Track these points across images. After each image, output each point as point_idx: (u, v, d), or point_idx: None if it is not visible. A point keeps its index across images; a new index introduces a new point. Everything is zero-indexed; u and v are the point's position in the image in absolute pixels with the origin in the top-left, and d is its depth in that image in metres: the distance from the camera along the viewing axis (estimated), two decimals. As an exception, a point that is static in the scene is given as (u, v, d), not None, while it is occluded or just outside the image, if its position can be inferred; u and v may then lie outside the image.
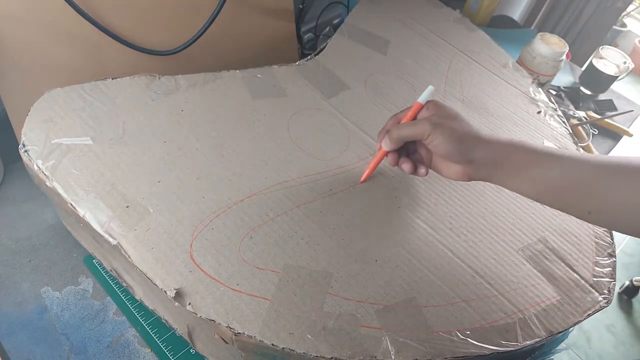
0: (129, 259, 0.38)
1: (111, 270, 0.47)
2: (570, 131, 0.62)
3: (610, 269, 0.47)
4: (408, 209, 0.47)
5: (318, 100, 0.56)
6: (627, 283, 1.39)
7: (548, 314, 0.42)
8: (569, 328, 0.42)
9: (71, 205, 0.40)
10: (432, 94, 0.45)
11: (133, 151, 0.45)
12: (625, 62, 0.85)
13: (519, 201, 0.51)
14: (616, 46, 2.13)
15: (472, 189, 0.51)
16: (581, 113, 0.81)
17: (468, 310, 0.40)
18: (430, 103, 0.43)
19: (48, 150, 0.43)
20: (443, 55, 0.68)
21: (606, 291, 0.45)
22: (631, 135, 0.81)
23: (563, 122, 0.63)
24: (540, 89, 0.67)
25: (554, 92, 0.85)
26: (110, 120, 0.47)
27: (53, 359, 0.44)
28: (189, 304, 0.36)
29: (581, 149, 0.62)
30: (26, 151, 0.43)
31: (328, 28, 0.82)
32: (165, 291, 0.36)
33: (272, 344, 0.35)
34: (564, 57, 0.77)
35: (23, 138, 0.43)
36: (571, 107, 0.82)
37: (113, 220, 0.40)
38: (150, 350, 0.45)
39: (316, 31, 0.81)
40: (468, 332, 0.39)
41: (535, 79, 0.69)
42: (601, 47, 0.87)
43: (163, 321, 0.44)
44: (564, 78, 0.90)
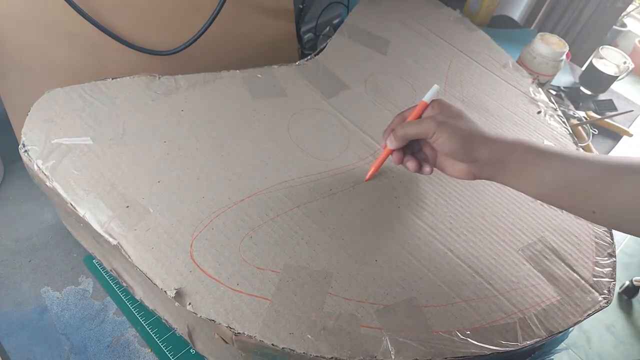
0: (129, 259, 0.38)
1: (111, 270, 0.47)
2: (570, 131, 0.62)
3: (610, 269, 0.47)
4: (408, 209, 0.47)
5: (318, 100, 0.56)
6: (627, 283, 1.39)
7: (548, 314, 0.42)
8: (569, 328, 0.42)
9: (71, 205, 0.40)
10: (437, 93, 0.45)
11: (133, 151, 0.45)
12: (625, 62, 0.85)
13: (519, 201, 0.51)
14: (616, 46, 2.13)
15: (472, 189, 0.51)
16: (581, 113, 0.81)
17: (468, 310, 0.40)
18: (435, 102, 0.43)
19: (48, 150, 0.43)
20: (443, 55, 0.68)
21: (606, 291, 0.45)
22: (631, 135, 0.81)
23: (563, 122, 0.63)
24: (540, 89, 0.67)
25: (554, 92, 0.85)
26: (110, 120, 0.47)
27: (53, 359, 0.44)
28: (189, 304, 0.36)
29: (581, 149, 0.62)
30: (26, 151, 0.43)
31: (328, 28, 0.82)
32: (165, 291, 0.36)
33: (272, 344, 0.35)
34: (564, 57, 0.77)
35: (23, 138, 0.43)
36: (571, 107, 0.82)
37: (113, 220, 0.40)
38: (150, 350, 0.45)
39: (316, 31, 0.81)
40: (468, 332, 0.39)
41: (535, 79, 0.69)
42: (601, 47, 0.87)
43: (163, 321, 0.44)
44: (564, 78, 0.90)
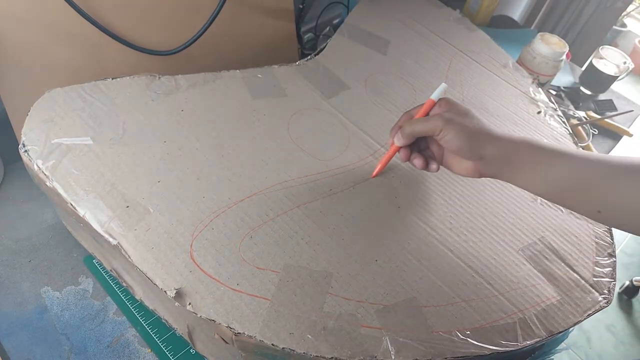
0: (129, 259, 0.38)
1: (111, 270, 0.47)
2: (570, 131, 0.62)
3: (610, 269, 0.47)
4: (408, 209, 0.47)
5: (318, 100, 0.56)
6: (627, 283, 1.39)
7: (548, 314, 0.42)
8: (569, 328, 0.42)
9: (71, 205, 0.40)
10: (445, 92, 0.46)
11: (133, 151, 0.45)
12: (625, 62, 0.85)
13: (519, 201, 0.51)
14: (616, 46, 2.13)
15: (472, 189, 0.51)
16: (581, 113, 0.81)
17: (468, 310, 0.40)
18: (442, 100, 0.44)
19: (48, 150, 0.43)
20: (443, 55, 0.68)
21: (606, 291, 0.45)
22: (631, 135, 0.81)
23: (563, 122, 0.63)
24: (540, 89, 0.67)
25: (554, 92, 0.85)
26: (110, 120, 0.47)
27: (53, 359, 0.44)
28: (189, 304, 0.36)
29: (581, 149, 0.62)
30: (26, 151, 0.43)
31: (328, 28, 0.82)
32: (165, 291, 0.36)
33: (272, 344, 0.35)
34: (564, 57, 0.77)
35: (23, 138, 0.43)
36: (571, 107, 0.82)
37: (113, 220, 0.40)
38: (150, 350, 0.45)
39: (316, 31, 0.80)
40: (468, 332, 0.39)
41: (535, 79, 0.69)
42: (601, 47, 0.87)
43: (163, 321, 0.44)
44: (564, 78, 0.90)
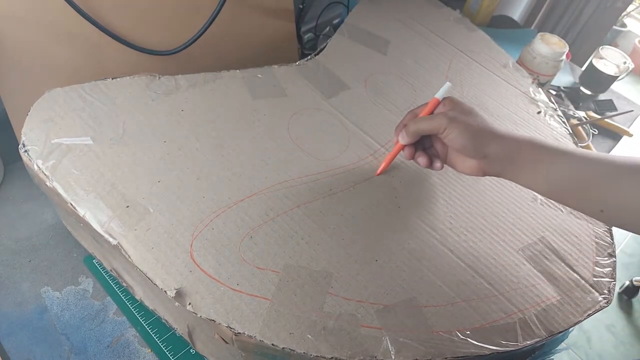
0: (129, 259, 0.38)
1: (111, 270, 0.47)
2: (570, 131, 0.62)
3: (610, 269, 0.47)
4: (408, 209, 0.47)
5: (318, 100, 0.56)
6: (627, 283, 1.39)
7: (548, 314, 0.42)
8: (569, 328, 0.42)
9: (71, 205, 0.40)
10: (449, 91, 0.46)
11: (133, 151, 0.45)
12: (625, 62, 0.85)
13: (519, 201, 0.51)
14: (616, 46, 2.13)
15: (472, 189, 0.51)
16: (581, 113, 0.81)
17: (468, 310, 0.40)
18: (447, 99, 0.44)
19: (48, 150, 0.43)
20: (443, 55, 0.68)
21: (606, 291, 0.45)
22: (631, 135, 0.81)
23: (563, 122, 0.63)
24: (540, 89, 0.67)
25: (554, 92, 0.85)
26: (110, 120, 0.47)
27: (53, 359, 0.44)
28: (189, 304, 0.36)
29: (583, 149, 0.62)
30: (26, 151, 0.43)
31: (328, 28, 0.82)
32: (165, 291, 0.36)
33: (272, 344, 0.35)
34: (564, 57, 0.77)
35: (23, 138, 0.43)
36: (571, 107, 0.82)
37: (113, 220, 0.40)
38: (150, 350, 0.45)
39: (316, 31, 0.80)
40: (468, 332, 0.39)
41: (535, 79, 0.69)
42: (601, 47, 0.87)
43: (163, 321, 0.44)
44: (564, 78, 0.90)
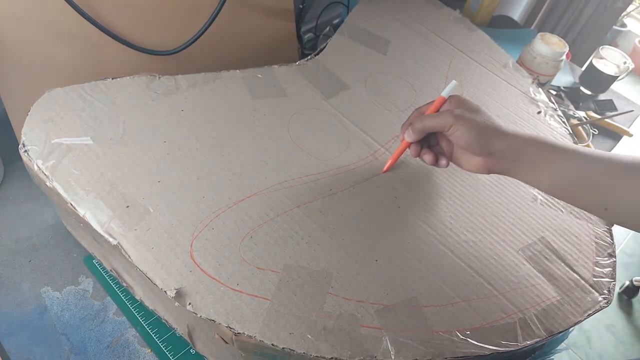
0: (129, 259, 0.38)
1: (111, 270, 0.47)
2: (570, 131, 0.62)
3: (610, 269, 0.47)
4: (408, 209, 0.47)
5: (318, 100, 0.56)
6: (627, 283, 1.39)
7: (548, 314, 0.42)
8: (569, 328, 0.42)
9: (71, 205, 0.40)
10: (455, 89, 0.46)
11: (133, 151, 0.45)
12: (625, 62, 0.85)
13: (519, 201, 0.51)
14: (616, 46, 2.13)
15: (472, 189, 0.51)
16: (581, 113, 0.81)
17: (468, 310, 0.40)
18: (453, 97, 0.44)
19: (48, 150, 0.43)
20: (443, 55, 0.68)
21: (606, 291, 0.45)
22: (631, 135, 0.81)
23: (563, 122, 0.63)
24: (540, 89, 0.67)
25: (554, 92, 0.85)
26: (110, 120, 0.47)
27: (53, 359, 0.44)
28: (189, 304, 0.36)
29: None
30: (26, 151, 0.43)
31: (328, 28, 0.82)
32: (165, 291, 0.36)
33: (272, 344, 0.35)
34: (564, 57, 0.77)
35: (23, 138, 0.43)
36: (571, 107, 0.82)
37: (113, 220, 0.40)
38: (150, 350, 0.45)
39: (316, 31, 0.80)
40: (468, 332, 0.39)
41: (535, 79, 0.69)
42: (601, 47, 0.87)
43: (163, 321, 0.44)
44: (564, 78, 0.90)
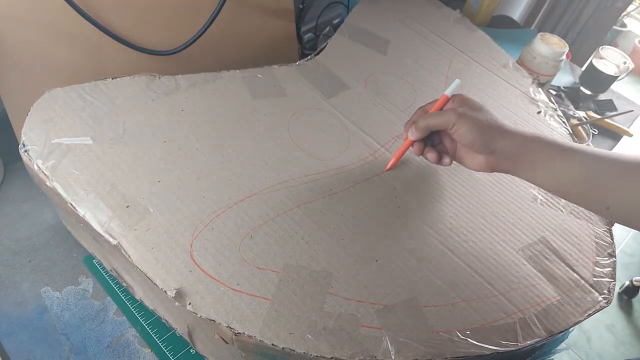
0: (129, 259, 0.38)
1: (111, 270, 0.47)
2: (570, 131, 0.62)
3: (610, 269, 0.47)
4: (408, 209, 0.47)
5: (318, 100, 0.56)
6: (627, 283, 1.39)
7: (548, 314, 0.42)
8: (569, 328, 0.42)
9: (71, 205, 0.40)
10: (459, 88, 0.46)
11: (133, 151, 0.45)
12: (625, 62, 0.85)
13: (519, 201, 0.51)
14: (616, 46, 2.13)
15: (472, 189, 0.51)
16: (581, 113, 0.81)
17: (468, 310, 0.40)
18: (456, 96, 0.44)
19: (48, 150, 0.43)
20: (443, 55, 0.68)
21: (606, 291, 0.45)
22: (631, 135, 0.81)
23: (563, 122, 0.63)
24: (540, 89, 0.67)
25: (554, 92, 0.85)
26: (110, 120, 0.47)
27: (53, 359, 0.44)
28: (189, 304, 0.36)
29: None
30: (26, 151, 0.43)
31: (328, 28, 0.82)
32: (165, 291, 0.36)
33: (272, 344, 0.35)
34: (564, 57, 0.77)
35: (23, 138, 0.43)
36: (571, 107, 0.82)
37: (113, 220, 0.40)
38: (150, 350, 0.45)
39: (316, 31, 0.80)
40: (468, 332, 0.39)
41: (535, 79, 0.69)
42: (601, 47, 0.87)
43: (163, 321, 0.44)
44: (564, 78, 0.90)
